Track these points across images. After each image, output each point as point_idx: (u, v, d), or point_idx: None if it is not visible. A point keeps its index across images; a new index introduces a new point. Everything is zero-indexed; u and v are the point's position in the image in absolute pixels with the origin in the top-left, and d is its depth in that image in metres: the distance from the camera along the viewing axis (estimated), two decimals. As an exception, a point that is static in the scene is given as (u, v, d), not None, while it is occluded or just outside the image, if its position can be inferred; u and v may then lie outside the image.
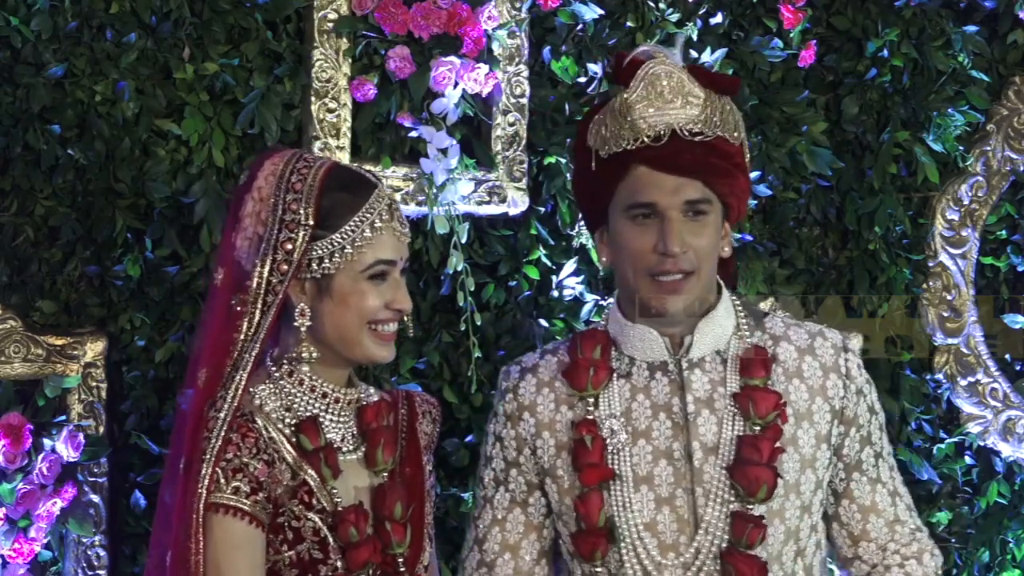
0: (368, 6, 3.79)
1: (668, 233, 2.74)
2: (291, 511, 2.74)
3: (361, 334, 2.80)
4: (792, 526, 2.80)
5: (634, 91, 2.78)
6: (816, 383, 2.84)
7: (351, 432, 2.84)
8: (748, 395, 2.78)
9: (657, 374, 2.83)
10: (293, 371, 2.81)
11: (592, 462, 2.79)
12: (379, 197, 2.80)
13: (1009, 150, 4.49)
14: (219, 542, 2.69)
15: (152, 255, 3.70)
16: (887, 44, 4.34)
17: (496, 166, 3.92)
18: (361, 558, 2.74)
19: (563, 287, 4.01)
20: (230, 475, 2.70)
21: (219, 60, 3.74)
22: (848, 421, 2.86)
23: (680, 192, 2.75)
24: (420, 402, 2.97)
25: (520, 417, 2.88)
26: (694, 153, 2.75)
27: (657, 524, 2.78)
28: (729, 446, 2.78)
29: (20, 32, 3.61)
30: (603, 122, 2.80)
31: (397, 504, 2.80)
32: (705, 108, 2.78)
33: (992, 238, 4.53)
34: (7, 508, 3.46)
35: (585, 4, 4.01)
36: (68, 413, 3.58)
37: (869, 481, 2.88)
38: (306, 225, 2.77)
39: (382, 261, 2.79)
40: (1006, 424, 4.47)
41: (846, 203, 4.36)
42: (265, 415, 2.77)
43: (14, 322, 3.57)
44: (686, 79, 2.79)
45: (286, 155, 2.84)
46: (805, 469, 2.81)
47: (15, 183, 3.65)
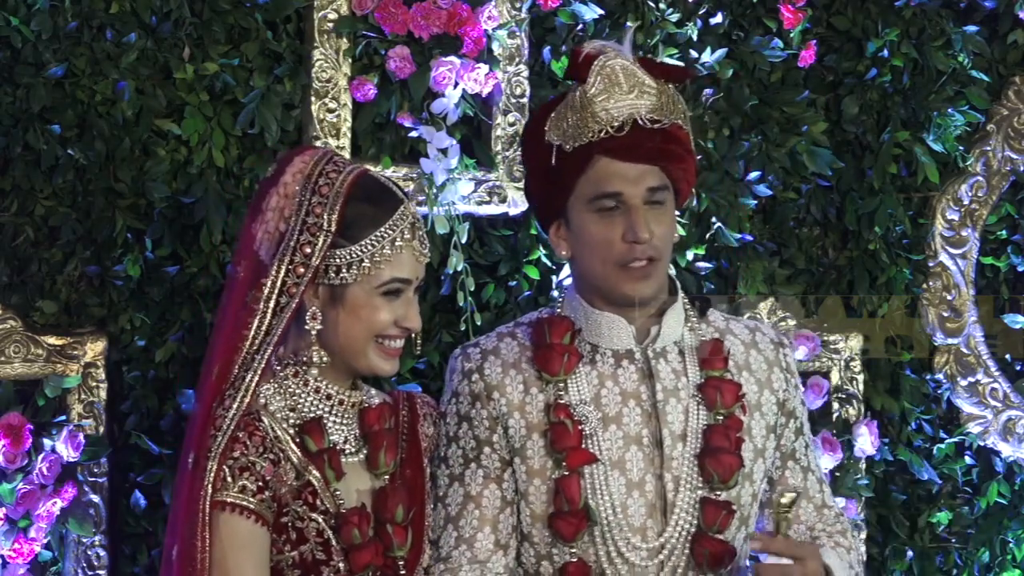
0: (368, 6, 3.79)
1: (636, 222, 2.83)
2: (295, 511, 2.74)
3: (367, 346, 2.81)
4: (745, 513, 2.91)
5: (592, 85, 2.86)
6: (763, 376, 2.96)
7: (353, 434, 2.85)
8: (715, 386, 2.89)
9: (624, 362, 2.91)
10: (299, 372, 2.82)
11: (574, 445, 2.85)
12: (404, 215, 2.80)
13: (1009, 150, 4.49)
14: (225, 540, 2.69)
15: (152, 255, 3.70)
16: (887, 44, 4.35)
17: (496, 166, 3.92)
18: (363, 560, 2.74)
19: (563, 287, 4.00)
20: (237, 473, 2.70)
21: (219, 60, 3.74)
22: (788, 413, 2.98)
23: (642, 180, 2.85)
24: (421, 404, 2.97)
25: (490, 396, 2.91)
26: (654, 140, 2.85)
27: (628, 507, 2.85)
28: (696, 435, 2.87)
29: (20, 32, 3.61)
30: (563, 117, 2.87)
31: (399, 507, 2.80)
32: (660, 96, 2.87)
33: (992, 238, 4.53)
34: (7, 508, 3.46)
35: (585, 4, 4.01)
36: (68, 413, 3.58)
37: (801, 469, 3.01)
38: (328, 231, 2.76)
39: (398, 279, 2.80)
40: (1006, 424, 4.47)
41: (846, 203, 4.36)
42: (271, 414, 2.77)
43: (14, 322, 3.56)
44: (638, 71, 2.89)
45: (317, 154, 2.84)
46: (757, 459, 2.93)
47: (15, 183, 3.65)
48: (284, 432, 2.76)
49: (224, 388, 2.76)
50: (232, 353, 2.78)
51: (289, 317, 2.77)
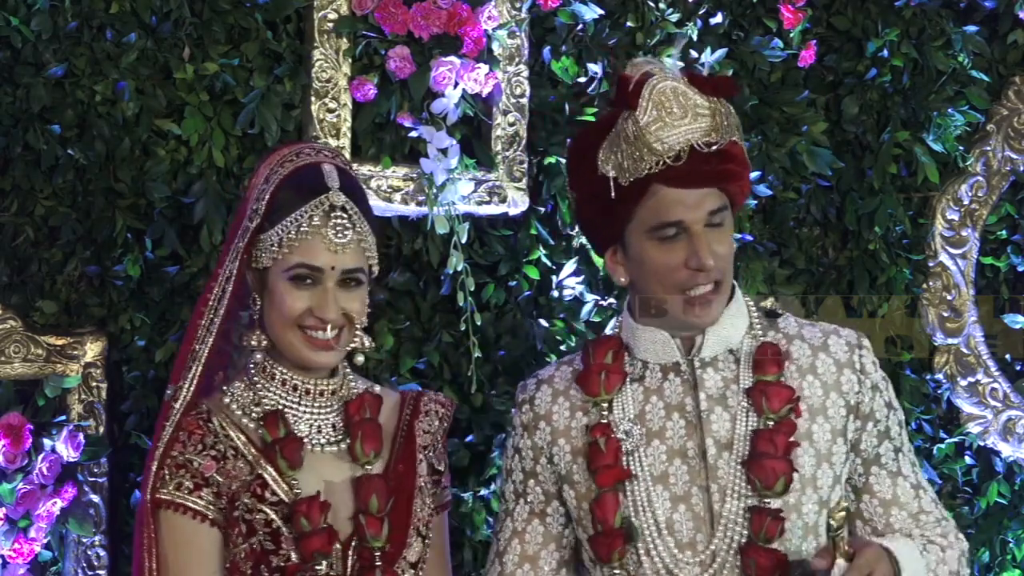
0: (368, 6, 3.79)
1: (699, 248, 2.78)
2: (245, 504, 2.77)
3: (289, 334, 2.83)
4: (811, 521, 2.82)
5: (644, 112, 2.79)
6: (830, 379, 2.87)
7: (332, 424, 2.86)
8: (761, 390, 2.81)
9: (670, 375, 2.86)
10: (266, 366, 2.85)
11: (607, 464, 2.81)
12: (320, 203, 2.80)
13: (1009, 150, 4.49)
14: (166, 538, 2.76)
15: (152, 255, 3.70)
16: (887, 44, 4.34)
17: (496, 166, 3.92)
18: (311, 548, 2.76)
19: (563, 287, 4.00)
20: (174, 471, 2.76)
21: (219, 60, 3.74)
22: (864, 416, 2.88)
23: (702, 205, 2.79)
24: (426, 401, 2.99)
25: (536, 427, 2.90)
26: (711, 164, 2.78)
27: (674, 523, 2.80)
28: (743, 441, 2.81)
29: (20, 32, 3.61)
30: (616, 148, 2.81)
31: (372, 497, 2.81)
32: (714, 116, 2.81)
33: (992, 238, 4.53)
34: (7, 508, 3.46)
35: (585, 4, 4.01)
36: (68, 413, 3.58)
37: (889, 475, 2.90)
38: (259, 215, 2.82)
39: (305, 265, 2.80)
40: (1006, 424, 4.47)
41: (846, 203, 4.35)
42: (227, 412, 2.81)
43: (14, 322, 3.56)
44: (689, 91, 2.81)
45: (295, 147, 2.90)
46: (821, 463, 2.84)
47: (15, 183, 3.65)
48: (237, 429, 2.80)
49: (178, 378, 2.84)
50: (189, 342, 2.86)
51: (228, 303, 2.82)
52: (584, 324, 4.00)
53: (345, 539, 2.80)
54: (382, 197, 3.80)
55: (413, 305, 3.93)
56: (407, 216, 3.88)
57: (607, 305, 4.02)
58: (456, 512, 3.87)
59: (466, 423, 3.91)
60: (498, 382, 3.94)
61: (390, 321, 3.87)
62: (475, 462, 3.91)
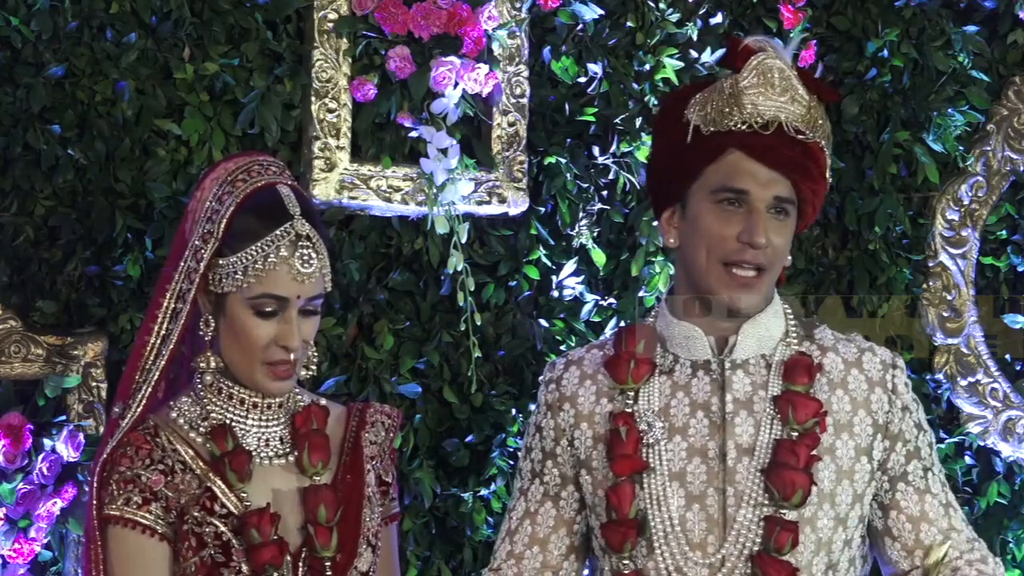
0: (368, 6, 3.79)
1: (755, 224, 2.76)
2: (194, 517, 2.77)
3: (251, 364, 2.81)
4: (824, 537, 2.79)
5: (746, 77, 2.79)
6: (860, 396, 2.84)
7: (279, 437, 2.86)
8: (789, 400, 2.78)
9: (699, 372, 2.84)
10: (213, 381, 2.83)
11: (626, 453, 2.79)
12: (285, 232, 2.77)
13: (1009, 150, 4.49)
14: (113, 553, 2.75)
15: (152, 255, 3.70)
16: (887, 44, 4.34)
17: (496, 166, 3.92)
18: (262, 559, 2.75)
19: (563, 287, 4.01)
20: (122, 487, 2.75)
21: (219, 60, 3.74)
22: (893, 436, 2.85)
23: (772, 186, 2.77)
24: (372, 412, 2.98)
25: (560, 407, 2.89)
26: (793, 150, 2.77)
27: (686, 521, 2.78)
28: (765, 449, 2.78)
29: (20, 32, 3.61)
30: (708, 100, 2.80)
31: (320, 507, 2.80)
32: (810, 110, 2.81)
33: (992, 238, 4.53)
34: (7, 508, 3.46)
35: (585, 4, 4.01)
36: (68, 413, 3.58)
37: (916, 491, 2.85)
38: (216, 238, 2.78)
39: (269, 296, 2.78)
40: (1006, 424, 4.47)
41: (846, 203, 4.35)
42: (174, 427, 2.80)
43: (14, 322, 3.57)
44: (794, 78, 2.82)
45: (241, 161, 2.85)
46: (842, 480, 2.81)
47: (15, 183, 3.65)
48: (184, 444, 2.79)
49: (127, 395, 2.82)
50: (137, 359, 2.85)
51: (183, 323, 2.80)
52: (584, 324, 4.00)
53: (295, 550, 2.80)
54: (382, 197, 3.80)
55: (413, 305, 3.93)
56: (407, 216, 3.88)
57: (607, 305, 4.03)
58: (456, 512, 3.87)
59: (466, 423, 3.91)
60: (498, 382, 3.94)
61: (390, 321, 3.87)
62: (475, 462, 3.91)
